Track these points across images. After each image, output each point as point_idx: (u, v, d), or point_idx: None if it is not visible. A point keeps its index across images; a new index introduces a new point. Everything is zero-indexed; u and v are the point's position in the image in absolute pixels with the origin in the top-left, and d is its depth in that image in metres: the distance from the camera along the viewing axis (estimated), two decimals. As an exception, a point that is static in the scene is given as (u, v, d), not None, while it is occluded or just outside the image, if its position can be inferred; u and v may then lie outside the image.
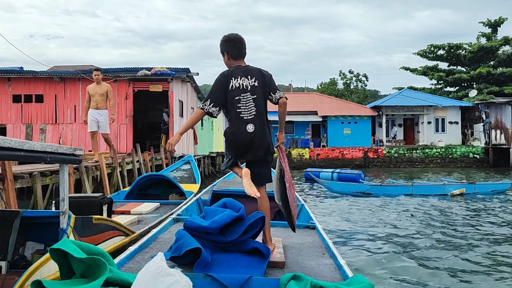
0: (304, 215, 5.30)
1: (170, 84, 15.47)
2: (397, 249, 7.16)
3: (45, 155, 2.69)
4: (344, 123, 32.62)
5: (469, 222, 9.51)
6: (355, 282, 2.41)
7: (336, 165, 27.41)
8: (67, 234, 3.17)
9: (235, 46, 3.51)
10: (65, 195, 3.11)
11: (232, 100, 3.35)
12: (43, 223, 3.62)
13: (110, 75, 15.41)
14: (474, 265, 6.23)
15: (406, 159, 30.16)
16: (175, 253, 2.89)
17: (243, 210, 3.16)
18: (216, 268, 2.80)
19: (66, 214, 3.20)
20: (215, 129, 26.59)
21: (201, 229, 3.05)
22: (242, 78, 3.41)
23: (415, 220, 9.77)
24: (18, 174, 6.40)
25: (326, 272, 2.95)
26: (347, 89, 51.90)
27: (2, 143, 2.22)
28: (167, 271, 2.07)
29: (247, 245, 3.08)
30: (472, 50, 39.91)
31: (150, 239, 3.50)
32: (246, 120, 3.36)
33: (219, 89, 3.36)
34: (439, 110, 32.82)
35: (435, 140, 31.89)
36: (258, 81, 3.45)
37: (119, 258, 2.85)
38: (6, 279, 3.02)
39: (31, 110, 15.42)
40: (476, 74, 38.23)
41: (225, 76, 3.40)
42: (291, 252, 3.41)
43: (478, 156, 30.02)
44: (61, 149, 2.88)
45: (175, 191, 8.15)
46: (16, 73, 15.57)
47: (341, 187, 14.80)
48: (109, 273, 2.19)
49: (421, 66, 43.81)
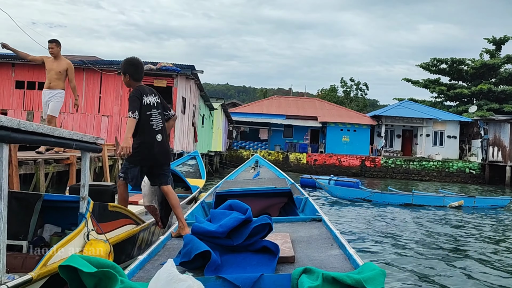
0: (309, 208, 5.28)
1: (175, 80, 15.44)
2: (394, 257, 7.17)
3: (72, 142, 2.78)
4: (343, 130, 32.71)
5: (466, 234, 9.55)
6: (366, 269, 2.40)
7: (332, 172, 27.46)
8: (86, 219, 3.26)
9: (138, 69, 4.17)
10: (85, 181, 3.22)
11: (145, 114, 4.04)
12: (61, 207, 3.70)
13: (115, 67, 15.37)
14: (471, 273, 6.25)
15: (402, 170, 30.26)
16: (184, 258, 2.89)
17: (250, 212, 3.16)
18: (226, 269, 2.79)
19: (86, 199, 3.31)
20: (215, 128, 26.57)
21: (209, 233, 3.05)
22: (150, 95, 4.14)
23: (415, 229, 9.82)
24: (23, 160, 6.37)
25: (337, 262, 2.94)
26: (347, 97, 52.06)
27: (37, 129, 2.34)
28: (178, 277, 2.09)
29: (255, 244, 3.09)
30: (474, 66, 40.14)
31: (158, 247, 3.49)
32: (157, 131, 4.11)
33: (137, 104, 4.00)
34: (438, 123, 32.96)
35: (433, 153, 32.01)
36: (159, 99, 4.24)
37: (129, 268, 2.85)
38: (27, 257, 3.11)
39: (34, 97, 15.35)
40: (477, 90, 38.46)
41: (139, 94, 4.04)
42: (300, 246, 3.40)
43: (474, 172, 30.17)
44: (85, 137, 2.98)
45: (181, 185, 8.17)
46: (21, 59, 15.48)
47: (342, 192, 14.84)
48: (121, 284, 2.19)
49: (423, 79, 44.06)
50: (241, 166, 9.22)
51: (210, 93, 52.84)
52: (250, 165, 9.04)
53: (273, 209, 5.22)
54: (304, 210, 5.39)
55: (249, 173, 8.42)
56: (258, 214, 3.68)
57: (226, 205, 3.41)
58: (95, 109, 15.36)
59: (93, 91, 15.39)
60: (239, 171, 8.83)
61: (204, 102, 22.14)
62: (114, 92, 15.42)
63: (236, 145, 33.80)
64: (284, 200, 5.25)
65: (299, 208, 5.45)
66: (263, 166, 8.98)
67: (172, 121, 4.45)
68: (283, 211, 5.28)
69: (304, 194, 5.93)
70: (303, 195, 5.87)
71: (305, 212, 5.29)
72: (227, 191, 5.14)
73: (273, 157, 30.88)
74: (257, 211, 4.79)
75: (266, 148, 33.18)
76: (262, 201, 5.13)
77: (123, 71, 4.18)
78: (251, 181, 6.50)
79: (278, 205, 5.30)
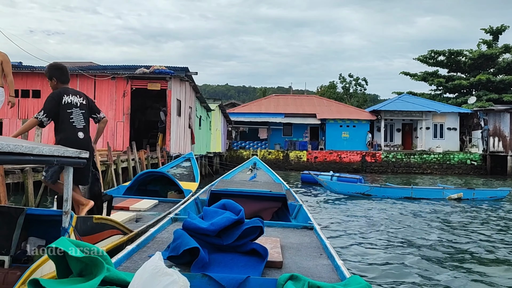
0: (302, 215, 5.27)
1: (169, 83, 15.41)
2: (396, 250, 7.13)
3: (53, 158, 2.77)
4: (342, 126, 32.60)
5: (465, 226, 9.48)
6: (353, 282, 2.41)
7: (333, 168, 27.37)
8: (68, 233, 3.23)
9: (63, 72, 4.46)
10: (68, 195, 3.18)
11: (65, 112, 4.30)
12: (46, 220, 3.66)
13: (108, 72, 15.34)
14: (471, 267, 6.19)
15: (403, 164, 30.13)
16: (172, 252, 2.89)
17: (242, 213, 3.15)
18: (213, 268, 2.80)
19: (69, 214, 3.27)
20: (213, 129, 26.52)
21: (200, 230, 3.05)
22: (73, 96, 4.40)
23: (415, 222, 9.79)
24: (9, 169, 6.33)
25: (324, 272, 2.95)
26: (346, 93, 51.93)
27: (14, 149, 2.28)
28: (164, 270, 2.09)
29: (244, 245, 3.09)
30: (472, 57, 39.95)
31: (148, 239, 3.50)
32: (79, 129, 4.37)
33: (52, 104, 4.27)
34: (438, 116, 32.82)
35: (433, 146, 31.88)
36: (85, 101, 4.51)
37: (117, 257, 2.85)
38: (8, 273, 3.07)
39: (28, 105, 15.35)
40: (476, 81, 38.25)
41: (57, 94, 4.32)
42: (289, 252, 3.41)
43: (475, 163, 30.02)
44: (68, 152, 2.97)
45: (174, 188, 8.18)
46: (14, 67, 15.47)
47: (341, 187, 14.81)
48: (107, 272, 2.20)
49: (421, 72, 43.84)
50: (239, 166, 9.21)
51: (210, 94, 52.85)
52: (247, 167, 9.03)
53: (266, 213, 5.24)
54: (297, 217, 5.39)
55: (245, 175, 8.43)
56: (251, 216, 3.72)
57: (220, 204, 3.42)
58: (90, 115, 15.33)
59: (87, 97, 15.35)
60: (236, 171, 8.82)
61: (200, 103, 22.10)
62: (108, 97, 15.40)
63: (236, 146, 33.74)
64: (278, 205, 5.28)
65: (292, 215, 5.47)
66: (260, 168, 8.98)
67: (102, 123, 4.69)
68: (276, 216, 5.29)
69: (299, 201, 5.95)
70: (297, 202, 5.89)
71: (298, 219, 5.30)
72: (222, 190, 5.15)
73: (273, 156, 30.79)
74: (250, 213, 4.80)
75: (266, 147, 33.10)
76: (256, 203, 5.16)
77: (49, 77, 4.43)
78: (247, 182, 6.52)
79: (271, 209, 5.32)
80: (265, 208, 5.25)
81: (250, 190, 5.28)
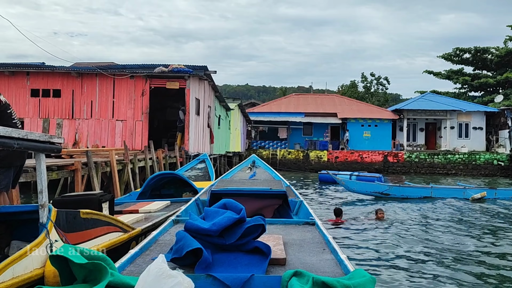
0: (303, 211, 5.31)
1: (187, 82, 15.32)
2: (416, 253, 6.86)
3: (11, 141, 2.53)
4: (364, 126, 32.07)
5: (490, 228, 9.09)
6: (357, 276, 2.42)
7: (354, 169, 26.91)
8: (47, 229, 2.98)
9: None
10: (43, 186, 2.96)
11: (6, 113, 4.19)
12: (30, 219, 3.46)
13: (127, 71, 15.35)
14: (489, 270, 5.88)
15: (427, 165, 29.43)
16: (176, 254, 2.88)
17: (244, 212, 3.14)
18: (217, 268, 2.80)
19: (46, 207, 3.06)
20: (232, 129, 26.41)
21: (202, 231, 3.05)
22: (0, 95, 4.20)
23: (434, 223, 9.52)
24: (24, 168, 6.24)
25: (327, 267, 2.96)
26: (367, 92, 51.14)
27: None
28: (168, 273, 2.13)
29: (247, 244, 3.08)
30: (499, 54, 38.86)
31: (150, 242, 3.52)
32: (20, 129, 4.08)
33: None
34: (462, 115, 31.96)
35: (458, 146, 31.05)
36: None
37: (120, 261, 2.84)
38: None
39: (49, 104, 15.48)
40: (503, 79, 37.18)
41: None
42: (292, 249, 3.41)
43: (502, 164, 29.08)
44: (32, 135, 2.72)
45: (189, 189, 8.06)
46: (35, 67, 15.65)
47: (359, 187, 14.54)
48: (111, 277, 2.22)
49: (445, 70, 42.87)
50: (238, 165, 9.24)
51: (230, 94, 52.88)
52: (246, 165, 9.07)
53: (267, 210, 5.28)
54: (298, 213, 5.43)
55: (245, 173, 8.47)
56: (252, 215, 3.69)
57: (221, 204, 3.40)
58: (109, 114, 15.37)
59: (107, 96, 15.41)
60: (235, 170, 8.85)
61: (219, 102, 21.99)
62: (127, 96, 15.41)
63: (256, 145, 33.57)
64: (278, 202, 5.31)
65: (293, 211, 5.52)
66: (260, 167, 9.01)
67: None
68: (277, 213, 5.32)
69: (299, 197, 5.98)
70: (298, 198, 5.93)
71: (299, 215, 5.33)
72: (222, 190, 5.19)
73: (293, 156, 30.48)
74: (251, 211, 4.85)
75: (285, 147, 32.81)
76: (257, 201, 5.19)
77: None
78: (247, 181, 6.63)
79: (272, 206, 5.35)
80: (266, 206, 5.32)
81: (251, 188, 5.40)
